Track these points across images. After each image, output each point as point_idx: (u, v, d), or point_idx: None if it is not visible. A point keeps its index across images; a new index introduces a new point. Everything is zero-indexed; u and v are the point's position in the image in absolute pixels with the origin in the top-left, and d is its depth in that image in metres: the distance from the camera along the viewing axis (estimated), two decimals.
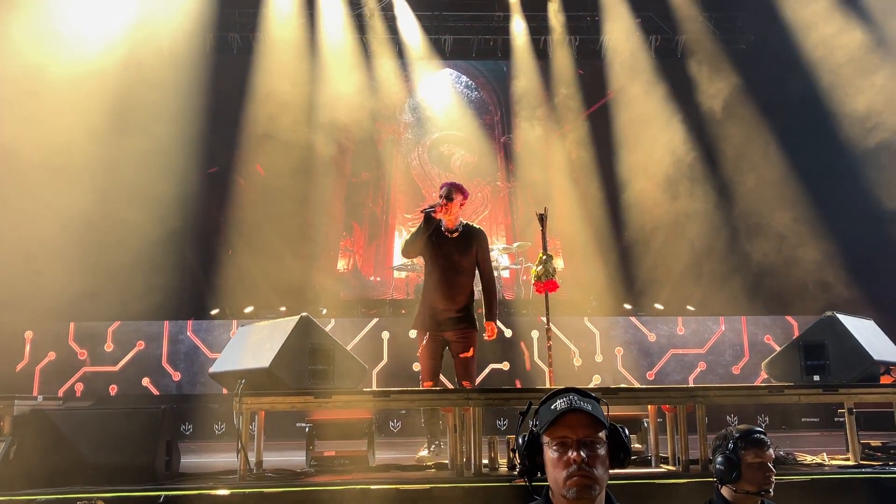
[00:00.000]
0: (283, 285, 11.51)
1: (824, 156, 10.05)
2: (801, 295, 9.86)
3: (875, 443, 5.21)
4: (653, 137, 12.24)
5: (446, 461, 4.82)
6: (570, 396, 2.24)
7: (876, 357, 5.05)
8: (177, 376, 9.01)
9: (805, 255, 10.15)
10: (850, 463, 4.88)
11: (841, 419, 5.05)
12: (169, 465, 4.65)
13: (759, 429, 3.26)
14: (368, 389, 4.84)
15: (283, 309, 10.40)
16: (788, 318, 9.64)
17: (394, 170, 13.60)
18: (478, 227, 5.67)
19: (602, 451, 2.19)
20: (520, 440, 2.30)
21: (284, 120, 11.66)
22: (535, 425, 2.28)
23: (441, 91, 13.75)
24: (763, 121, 10.96)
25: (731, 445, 3.20)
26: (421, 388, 4.94)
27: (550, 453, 2.20)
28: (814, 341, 5.20)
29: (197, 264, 11.98)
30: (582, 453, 2.15)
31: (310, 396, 4.67)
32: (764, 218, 10.89)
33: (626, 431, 2.29)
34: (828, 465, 4.82)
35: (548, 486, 2.27)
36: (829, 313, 5.30)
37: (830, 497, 3.48)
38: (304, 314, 4.96)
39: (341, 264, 13.06)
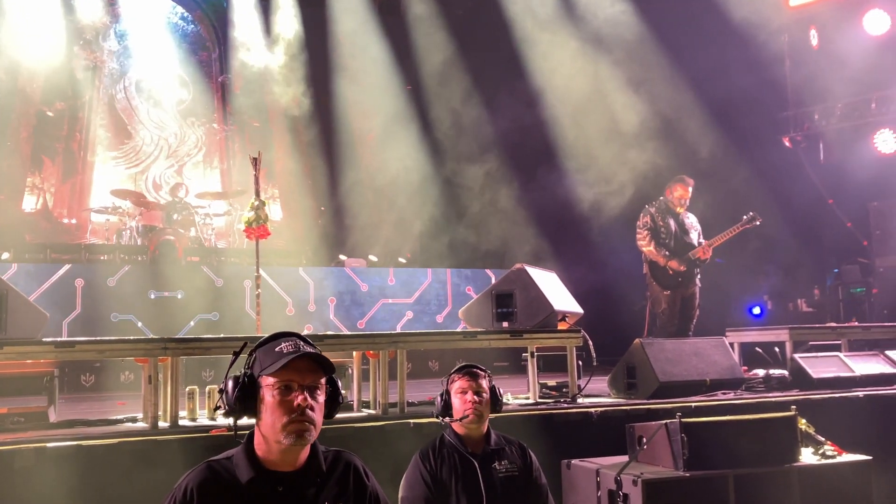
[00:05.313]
0: None
1: (523, 118, 10.87)
2: (498, 249, 10.70)
3: (551, 383, 5.81)
4: (372, 94, 12.39)
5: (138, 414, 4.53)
6: (296, 340, 2.19)
7: (556, 306, 5.61)
8: None
9: (504, 214, 11.04)
10: (530, 401, 5.39)
11: (525, 362, 5.55)
12: None
13: (469, 364, 3.54)
14: (49, 339, 4.36)
15: None
16: (487, 270, 10.42)
17: (95, 101, 12.26)
18: None
19: (322, 399, 2.18)
20: (231, 382, 2.18)
21: None
22: (250, 367, 2.19)
23: (153, 20, 12.58)
24: (474, 82, 11.58)
25: (445, 383, 3.51)
26: (112, 339, 4.56)
27: (271, 397, 2.13)
28: (504, 291, 5.65)
29: None
30: (307, 398, 2.12)
31: None
32: (469, 178, 11.58)
33: (339, 381, 2.29)
34: (511, 404, 5.29)
35: (251, 432, 2.20)
36: (518, 265, 5.79)
37: (511, 430, 3.83)
38: None
39: (28, 203, 11.61)
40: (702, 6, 10.01)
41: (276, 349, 2.17)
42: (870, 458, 4.23)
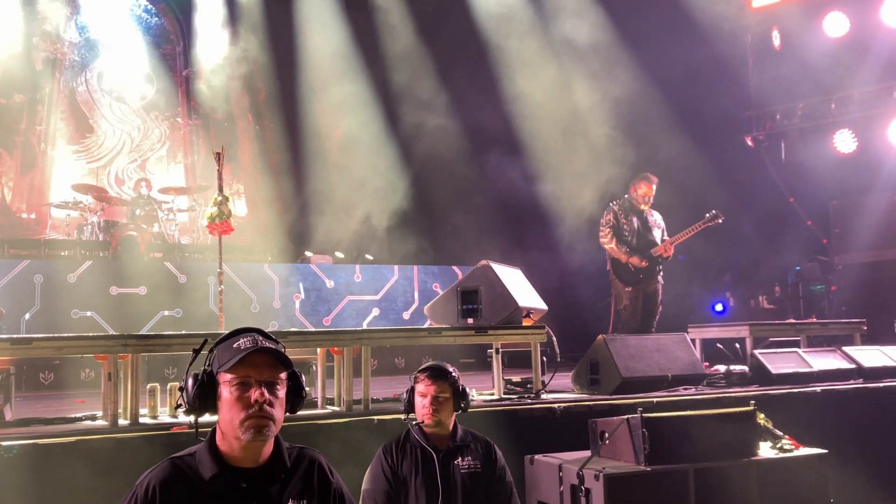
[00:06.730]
0: None
1: (490, 115, 10.88)
2: (465, 246, 10.71)
3: (516, 379, 5.84)
4: (340, 90, 12.30)
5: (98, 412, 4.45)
6: (255, 335, 2.17)
7: (520, 302, 5.64)
8: None
9: (470, 211, 11.05)
10: (495, 397, 5.41)
11: (490, 359, 5.57)
12: None
13: (435, 363, 3.53)
14: (6, 336, 4.27)
15: None
16: (454, 267, 10.43)
17: (55, 94, 11.99)
18: None
19: (282, 394, 2.17)
20: (190, 380, 2.17)
21: None
22: (210, 364, 2.18)
23: (115, 12, 12.31)
24: (441, 79, 11.56)
25: (412, 380, 3.52)
26: (71, 335, 4.48)
27: (228, 393, 2.11)
28: (469, 287, 5.65)
29: None
30: (265, 394, 2.10)
31: None
32: (436, 175, 11.56)
33: (303, 376, 2.28)
34: (476, 399, 5.30)
35: (213, 429, 2.19)
36: (483, 262, 5.81)
37: (475, 426, 3.85)
38: None
39: None
40: (666, 6, 10.12)
41: (234, 345, 2.16)
42: (826, 451, 4.32)
